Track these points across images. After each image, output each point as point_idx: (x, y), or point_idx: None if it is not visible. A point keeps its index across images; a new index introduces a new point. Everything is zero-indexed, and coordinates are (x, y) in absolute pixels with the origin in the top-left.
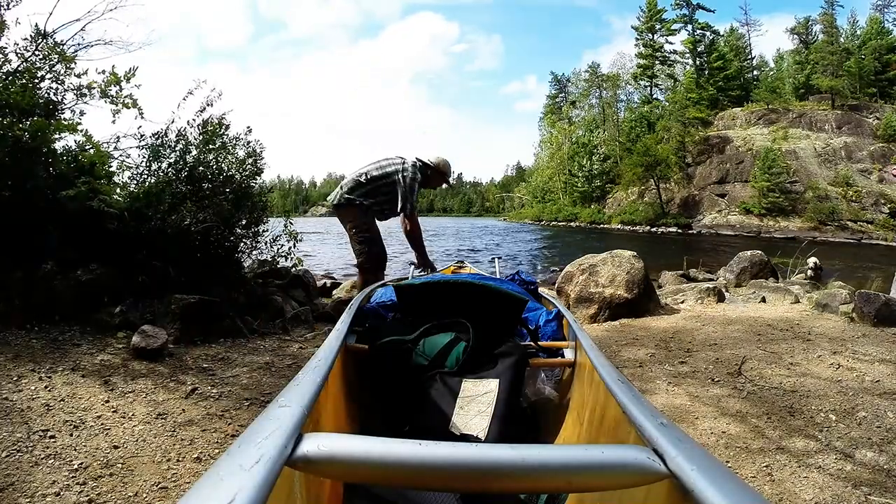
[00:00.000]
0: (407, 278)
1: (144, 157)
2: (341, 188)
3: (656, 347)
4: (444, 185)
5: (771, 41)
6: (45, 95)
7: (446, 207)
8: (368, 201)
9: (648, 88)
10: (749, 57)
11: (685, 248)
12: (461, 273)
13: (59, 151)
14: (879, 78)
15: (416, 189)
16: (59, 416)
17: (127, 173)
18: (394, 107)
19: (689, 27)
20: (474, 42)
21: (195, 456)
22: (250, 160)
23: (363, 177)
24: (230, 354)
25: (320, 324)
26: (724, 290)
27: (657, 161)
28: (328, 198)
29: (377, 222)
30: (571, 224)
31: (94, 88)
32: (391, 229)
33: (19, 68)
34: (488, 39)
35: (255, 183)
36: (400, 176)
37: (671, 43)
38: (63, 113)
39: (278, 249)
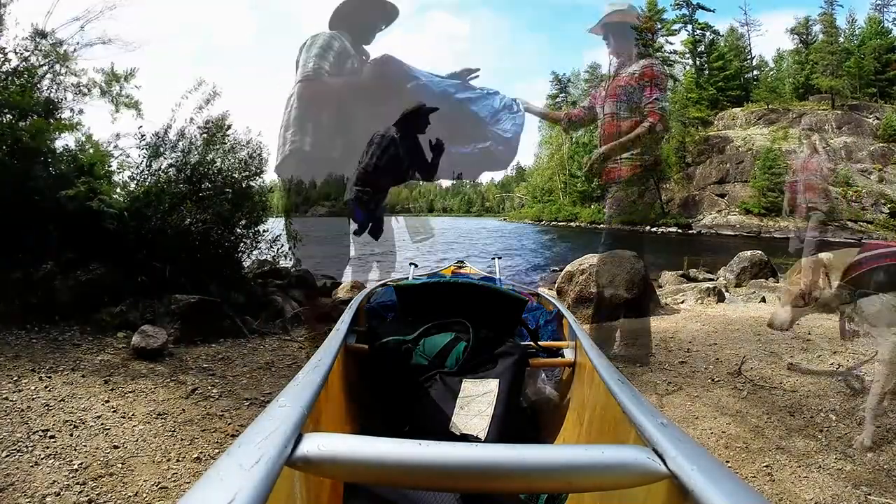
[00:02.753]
0: (407, 278)
1: (144, 157)
2: None
3: (656, 347)
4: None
5: (771, 41)
6: (45, 95)
7: (446, 207)
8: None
9: None
10: (749, 57)
11: (685, 248)
12: (461, 273)
13: (58, 151)
14: (879, 78)
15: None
16: (59, 416)
17: (127, 173)
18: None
19: (689, 27)
20: (479, 42)
21: (195, 456)
22: (252, 161)
23: None
24: (230, 354)
25: (320, 324)
26: (724, 290)
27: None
28: None
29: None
30: (571, 224)
31: (94, 87)
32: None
33: (19, 68)
34: (494, 38)
35: (255, 183)
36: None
37: (671, 43)
38: (62, 112)
39: (278, 249)
